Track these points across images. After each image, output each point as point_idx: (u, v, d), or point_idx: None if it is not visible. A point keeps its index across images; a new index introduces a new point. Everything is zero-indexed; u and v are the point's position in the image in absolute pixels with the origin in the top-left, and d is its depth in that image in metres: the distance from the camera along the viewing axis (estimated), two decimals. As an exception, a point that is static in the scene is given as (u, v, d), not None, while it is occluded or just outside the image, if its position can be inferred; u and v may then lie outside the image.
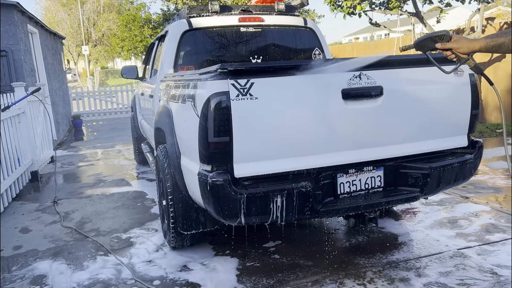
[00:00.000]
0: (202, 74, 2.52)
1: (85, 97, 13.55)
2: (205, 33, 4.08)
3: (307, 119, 2.43)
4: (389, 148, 2.66)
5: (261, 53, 4.21)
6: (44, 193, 5.22)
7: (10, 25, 6.82)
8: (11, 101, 5.32)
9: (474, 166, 2.90)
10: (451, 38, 1.87)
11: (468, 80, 2.78)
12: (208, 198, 2.40)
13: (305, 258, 3.11)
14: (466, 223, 3.59)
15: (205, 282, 2.83)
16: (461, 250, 3.10)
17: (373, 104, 2.54)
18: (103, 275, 3.00)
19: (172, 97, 3.08)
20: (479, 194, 4.29)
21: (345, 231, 3.59)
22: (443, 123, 2.78)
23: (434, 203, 4.08)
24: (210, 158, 2.38)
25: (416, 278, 2.74)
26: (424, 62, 2.71)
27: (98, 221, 4.10)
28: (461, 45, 1.85)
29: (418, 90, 2.66)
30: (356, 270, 2.88)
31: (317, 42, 4.36)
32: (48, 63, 9.58)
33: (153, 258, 3.23)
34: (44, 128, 6.72)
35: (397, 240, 3.33)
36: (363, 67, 2.44)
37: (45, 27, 9.52)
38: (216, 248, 3.33)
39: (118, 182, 5.53)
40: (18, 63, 6.95)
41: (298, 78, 2.40)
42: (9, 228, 4.03)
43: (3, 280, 3.00)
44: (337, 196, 2.62)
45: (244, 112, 2.31)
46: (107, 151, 7.89)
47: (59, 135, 9.28)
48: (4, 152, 4.71)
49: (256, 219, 2.46)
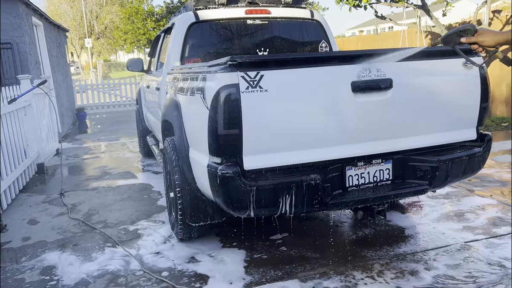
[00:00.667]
0: (211, 67, 2.51)
1: (89, 90, 13.55)
2: (212, 26, 4.07)
3: (317, 111, 2.43)
4: (398, 141, 2.65)
5: (267, 46, 4.20)
6: (50, 185, 5.25)
7: (15, 18, 6.81)
8: (17, 93, 5.32)
9: (483, 159, 2.89)
10: (476, 32, 1.89)
11: (477, 72, 2.76)
12: (218, 190, 2.41)
13: (312, 250, 3.12)
14: (472, 216, 3.59)
15: (214, 273, 2.85)
16: (468, 243, 3.11)
17: (382, 97, 2.53)
18: (111, 266, 3.03)
19: (180, 89, 3.08)
20: (486, 188, 4.29)
21: (351, 223, 3.60)
22: (452, 116, 2.78)
23: (440, 197, 4.08)
24: (219, 151, 2.38)
25: (424, 271, 2.75)
26: (433, 55, 2.72)
27: (105, 213, 4.12)
28: (486, 38, 1.87)
29: (427, 83, 2.66)
30: (364, 263, 2.89)
31: (324, 34, 4.34)
32: (53, 55, 9.58)
33: (161, 249, 3.25)
34: (50, 121, 6.74)
35: (404, 233, 3.34)
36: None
37: (49, 19, 9.51)
38: (223, 240, 3.35)
39: (124, 174, 5.55)
40: (23, 56, 6.96)
41: (308, 71, 2.40)
42: (17, 220, 4.06)
43: (12, 271, 3.03)
44: (346, 188, 2.63)
45: (254, 104, 2.31)
46: (111, 143, 7.91)
47: (63, 127, 9.31)
48: (11, 144, 4.72)
49: (265, 211, 2.47)
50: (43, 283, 2.85)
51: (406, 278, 2.68)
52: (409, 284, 2.60)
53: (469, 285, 2.57)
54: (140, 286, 2.75)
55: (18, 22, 6.86)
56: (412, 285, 2.59)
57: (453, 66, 2.72)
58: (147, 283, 2.78)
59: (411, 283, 2.61)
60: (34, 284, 2.83)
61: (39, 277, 2.92)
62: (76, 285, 2.80)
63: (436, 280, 2.64)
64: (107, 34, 37.02)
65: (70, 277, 2.90)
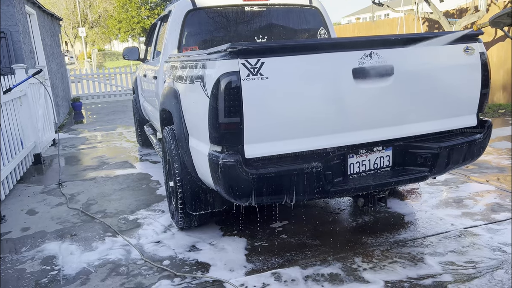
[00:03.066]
0: (211, 54, 2.48)
1: (84, 79, 13.43)
2: (209, 13, 4.01)
3: (318, 99, 2.41)
4: (399, 128, 2.65)
5: (265, 33, 4.15)
6: (48, 176, 5.22)
7: (8, 6, 6.69)
8: (12, 83, 5.26)
9: (483, 146, 2.89)
10: None
11: (478, 59, 2.75)
12: (219, 179, 2.40)
13: (313, 237, 3.13)
14: (471, 202, 3.61)
15: (215, 261, 2.86)
16: (468, 229, 3.13)
17: (384, 84, 2.52)
18: (112, 256, 3.02)
19: (179, 78, 3.05)
20: (484, 174, 4.31)
21: (351, 211, 3.61)
22: (452, 103, 2.77)
23: (439, 183, 4.10)
24: (220, 139, 2.36)
25: (424, 257, 2.77)
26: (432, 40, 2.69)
27: (104, 202, 4.11)
28: None
29: (428, 69, 2.64)
30: (364, 249, 2.91)
31: (322, 21, 4.30)
32: (47, 45, 9.46)
33: (161, 238, 3.25)
34: (46, 111, 6.68)
35: (403, 219, 3.35)
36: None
37: (42, 8, 9.36)
38: (224, 229, 3.35)
39: (122, 164, 5.53)
40: (17, 45, 6.86)
41: (309, 58, 2.37)
42: (16, 210, 4.04)
43: (12, 262, 3.02)
44: (347, 176, 2.63)
45: (255, 92, 2.29)
46: (108, 133, 7.87)
47: (59, 117, 9.24)
48: (7, 134, 4.68)
49: (267, 199, 2.47)
50: (44, 273, 2.84)
51: (406, 264, 2.69)
52: (409, 270, 2.62)
53: (469, 270, 2.59)
54: (142, 275, 2.75)
55: (11, 11, 6.75)
56: (412, 271, 2.61)
57: (454, 52, 2.71)
58: (148, 271, 2.78)
59: (411, 269, 2.63)
60: (35, 274, 2.83)
61: (40, 267, 2.92)
62: (78, 274, 2.80)
63: (436, 266, 2.66)
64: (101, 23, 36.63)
65: (71, 267, 2.90)
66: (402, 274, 2.59)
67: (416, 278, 2.54)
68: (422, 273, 2.58)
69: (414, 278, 2.53)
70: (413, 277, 2.55)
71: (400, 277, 2.55)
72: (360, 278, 2.57)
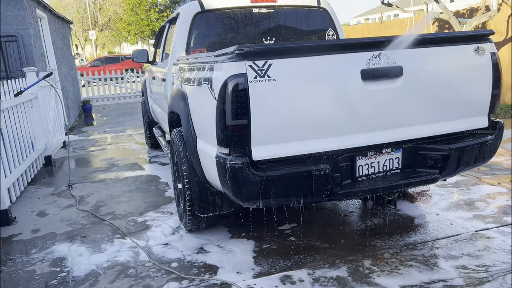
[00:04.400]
0: (218, 56, 2.48)
1: (94, 82, 13.54)
2: (217, 15, 4.02)
3: (326, 100, 2.39)
4: (408, 129, 2.61)
5: (274, 34, 4.15)
6: (58, 178, 5.27)
7: (19, 10, 6.78)
8: (23, 86, 5.32)
9: (494, 147, 2.85)
10: None
11: (489, 59, 2.71)
12: (226, 181, 2.39)
13: (321, 240, 3.11)
14: (483, 205, 3.56)
15: (223, 264, 2.85)
16: (479, 231, 3.08)
17: (393, 85, 2.49)
18: (121, 258, 3.03)
19: (187, 80, 3.05)
20: (495, 176, 4.24)
21: (360, 213, 3.58)
22: (463, 104, 2.73)
23: (449, 185, 4.05)
24: (228, 141, 2.36)
25: (435, 260, 2.73)
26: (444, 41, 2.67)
27: (113, 204, 4.13)
28: None
29: (438, 70, 2.61)
30: (373, 252, 2.88)
31: (330, 22, 4.28)
32: (57, 48, 9.56)
33: (170, 240, 3.26)
34: (56, 113, 6.75)
35: (413, 222, 3.32)
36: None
37: (53, 11, 9.47)
38: (232, 231, 3.35)
39: (131, 166, 5.56)
40: (28, 48, 6.94)
41: (316, 59, 2.36)
42: (26, 212, 4.08)
43: (22, 263, 3.05)
44: (356, 178, 2.60)
45: (262, 94, 2.28)
46: (118, 135, 7.92)
47: (69, 120, 9.33)
48: (18, 137, 4.73)
49: (274, 202, 2.46)
50: (54, 274, 2.86)
51: (416, 267, 2.66)
52: (419, 273, 2.59)
53: (480, 274, 2.55)
54: (150, 277, 2.75)
55: (22, 15, 6.84)
56: (423, 274, 2.57)
57: (464, 53, 2.67)
58: (156, 274, 2.78)
59: (422, 272, 2.60)
60: (45, 276, 2.85)
61: (49, 269, 2.94)
62: (87, 276, 2.81)
63: (447, 269, 2.62)
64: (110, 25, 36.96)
65: (80, 269, 2.92)
66: (415, 278, 2.55)
67: (427, 282, 2.50)
68: (433, 277, 2.54)
69: (426, 282, 2.50)
70: (425, 281, 2.51)
71: (412, 281, 2.52)
72: (370, 282, 2.54)
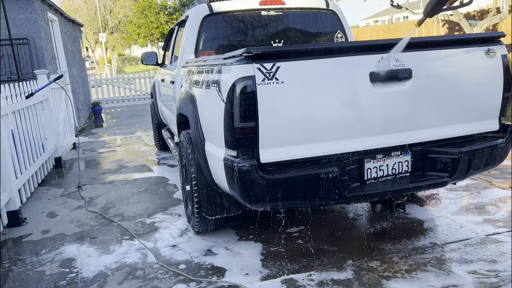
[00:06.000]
0: (226, 59, 2.49)
1: (104, 84, 13.67)
2: (226, 18, 4.03)
3: (334, 103, 2.39)
4: (417, 132, 2.59)
5: (282, 37, 4.15)
6: (68, 179, 5.31)
7: (31, 13, 6.87)
8: (34, 88, 5.38)
9: (506, 151, 2.81)
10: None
11: (500, 61, 2.68)
12: (234, 183, 2.39)
13: (329, 243, 3.10)
14: (493, 209, 3.51)
15: (230, 266, 2.85)
16: (490, 236, 3.04)
17: (402, 88, 2.47)
18: (129, 259, 3.05)
19: (195, 82, 3.06)
20: (507, 180, 4.19)
21: (369, 216, 3.56)
22: (473, 107, 2.70)
23: (459, 189, 4.01)
24: (235, 144, 2.36)
25: (445, 264, 2.70)
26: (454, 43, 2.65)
27: (122, 206, 4.16)
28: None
29: (448, 72, 2.58)
30: (382, 256, 2.85)
31: (339, 25, 4.27)
32: (68, 50, 9.67)
33: (178, 242, 3.26)
34: (66, 115, 6.82)
35: (422, 226, 3.28)
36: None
37: (64, 14, 9.58)
38: (240, 233, 3.35)
39: (140, 168, 5.59)
40: (39, 51, 7.03)
41: (325, 62, 2.35)
42: (37, 213, 4.12)
43: (32, 264, 3.08)
44: (364, 181, 2.59)
45: (270, 96, 2.28)
46: (127, 137, 7.98)
47: (79, 122, 9.41)
48: (29, 138, 4.79)
49: (282, 205, 2.45)
50: (63, 275, 2.89)
51: (426, 271, 2.63)
52: (428, 278, 2.56)
53: (491, 279, 2.51)
54: (158, 278, 2.76)
55: (34, 18, 6.93)
56: (432, 279, 2.55)
57: (475, 55, 2.65)
58: (164, 275, 2.79)
59: (431, 277, 2.57)
60: (54, 276, 2.88)
61: (58, 270, 2.97)
62: (95, 277, 2.83)
63: (457, 274, 2.59)
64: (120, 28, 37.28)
65: (89, 270, 2.94)
66: (424, 282, 2.53)
67: (437, 287, 2.47)
68: (443, 282, 2.52)
69: (435, 287, 2.47)
70: (434, 285, 2.49)
71: (421, 285, 2.49)
72: (378, 286, 2.52)
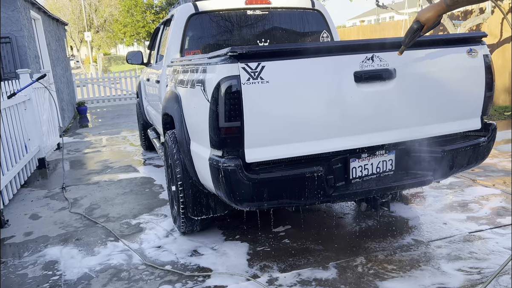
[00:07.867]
0: (211, 58, 2.47)
1: (89, 83, 13.51)
2: (212, 17, 4.01)
3: (319, 102, 2.39)
4: (401, 131, 2.61)
5: (268, 36, 4.15)
6: (52, 180, 5.23)
7: (13, 11, 6.75)
8: (16, 88, 5.29)
9: (487, 149, 2.86)
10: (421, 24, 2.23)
11: (482, 61, 2.72)
12: (220, 183, 2.38)
13: (315, 242, 3.10)
14: (476, 206, 3.57)
15: (216, 266, 2.84)
16: (473, 233, 3.08)
17: (386, 87, 2.49)
18: (114, 261, 3.02)
19: (180, 82, 3.04)
20: (489, 178, 4.26)
21: (354, 215, 3.58)
22: (456, 106, 2.74)
23: (443, 187, 4.06)
24: (221, 144, 2.35)
25: (429, 262, 2.73)
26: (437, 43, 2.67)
27: (107, 207, 4.11)
28: (429, 20, 2.20)
29: (431, 72, 2.61)
30: (367, 254, 2.87)
31: (325, 24, 4.29)
32: (52, 49, 9.52)
33: (163, 243, 3.24)
34: (50, 115, 6.72)
35: (407, 224, 3.32)
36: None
37: (47, 13, 9.43)
38: (226, 233, 3.33)
39: (125, 168, 5.54)
40: (22, 50, 6.91)
41: (310, 61, 2.36)
42: (19, 215, 4.05)
43: (14, 266, 3.02)
44: (349, 180, 2.60)
45: (255, 96, 2.27)
46: (112, 137, 7.89)
47: (64, 122, 9.28)
48: (11, 139, 4.70)
49: (268, 204, 2.45)
50: (46, 278, 2.84)
51: (410, 269, 2.66)
52: (412, 275, 2.58)
53: (474, 276, 2.55)
54: (143, 280, 2.74)
55: (16, 16, 6.80)
56: (416, 276, 2.57)
57: (457, 55, 2.68)
58: (149, 277, 2.77)
59: (415, 274, 2.59)
60: (37, 279, 2.83)
61: (41, 272, 2.92)
62: (79, 279, 2.79)
63: (441, 270, 2.62)
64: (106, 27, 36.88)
65: (72, 272, 2.89)
66: (408, 279, 2.55)
67: (421, 284, 2.50)
68: (427, 279, 2.54)
69: (419, 284, 2.50)
70: (419, 282, 2.51)
71: (405, 283, 2.52)
72: (362, 284, 2.53)
